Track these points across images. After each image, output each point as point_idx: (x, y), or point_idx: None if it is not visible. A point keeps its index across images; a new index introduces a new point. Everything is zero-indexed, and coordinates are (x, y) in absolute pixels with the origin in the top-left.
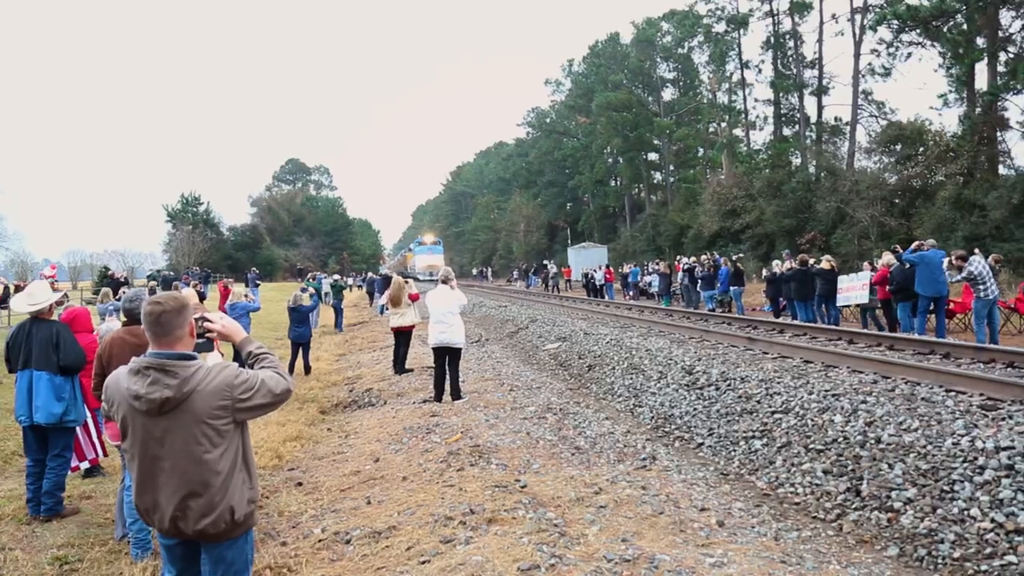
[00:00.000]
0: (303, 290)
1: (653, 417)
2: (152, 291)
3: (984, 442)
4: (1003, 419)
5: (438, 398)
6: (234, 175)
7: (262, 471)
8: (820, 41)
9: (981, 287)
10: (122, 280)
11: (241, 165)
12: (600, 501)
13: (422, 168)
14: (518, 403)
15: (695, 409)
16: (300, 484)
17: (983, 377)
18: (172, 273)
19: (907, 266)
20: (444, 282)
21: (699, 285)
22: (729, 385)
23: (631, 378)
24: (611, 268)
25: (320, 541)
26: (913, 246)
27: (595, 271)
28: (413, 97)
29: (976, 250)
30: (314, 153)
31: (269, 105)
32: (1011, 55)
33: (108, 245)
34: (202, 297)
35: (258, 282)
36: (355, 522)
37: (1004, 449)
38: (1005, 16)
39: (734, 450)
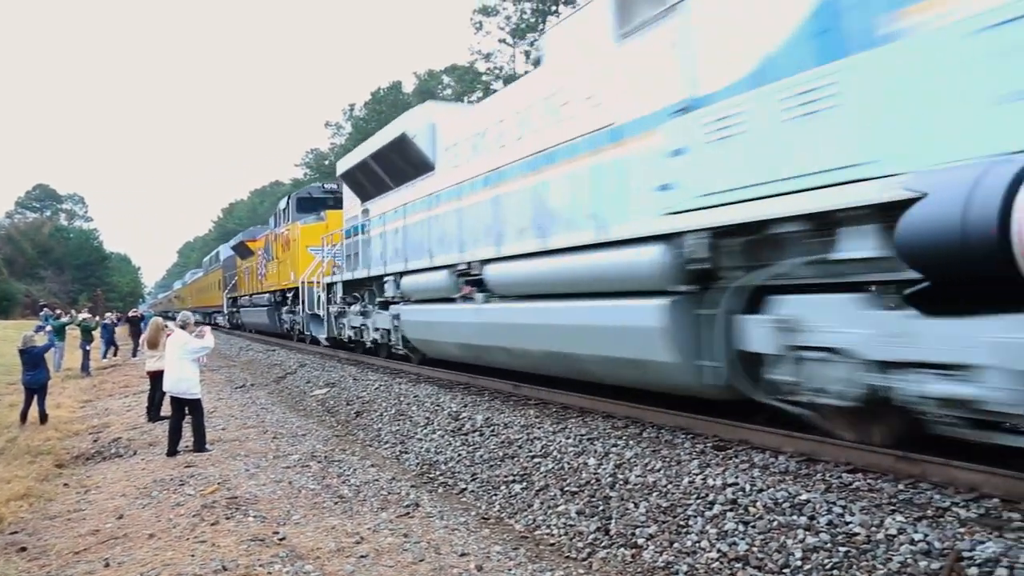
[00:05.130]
0: (37, 328)
1: (419, 463)
2: None
3: (714, 479)
4: (730, 458)
5: (171, 451)
6: None
7: None
8: None
9: None
10: None
11: None
12: (361, 551)
13: (191, 204)
14: (281, 451)
15: (460, 455)
16: (24, 549)
17: (716, 421)
18: None
19: None
20: (182, 327)
21: None
22: (493, 431)
23: (398, 424)
24: None
25: None
26: None
27: None
28: (184, 130)
29: None
30: (67, 180)
31: (13, 124)
32: None
33: None
34: None
35: None
36: None
37: (730, 485)
38: None
39: (495, 494)
